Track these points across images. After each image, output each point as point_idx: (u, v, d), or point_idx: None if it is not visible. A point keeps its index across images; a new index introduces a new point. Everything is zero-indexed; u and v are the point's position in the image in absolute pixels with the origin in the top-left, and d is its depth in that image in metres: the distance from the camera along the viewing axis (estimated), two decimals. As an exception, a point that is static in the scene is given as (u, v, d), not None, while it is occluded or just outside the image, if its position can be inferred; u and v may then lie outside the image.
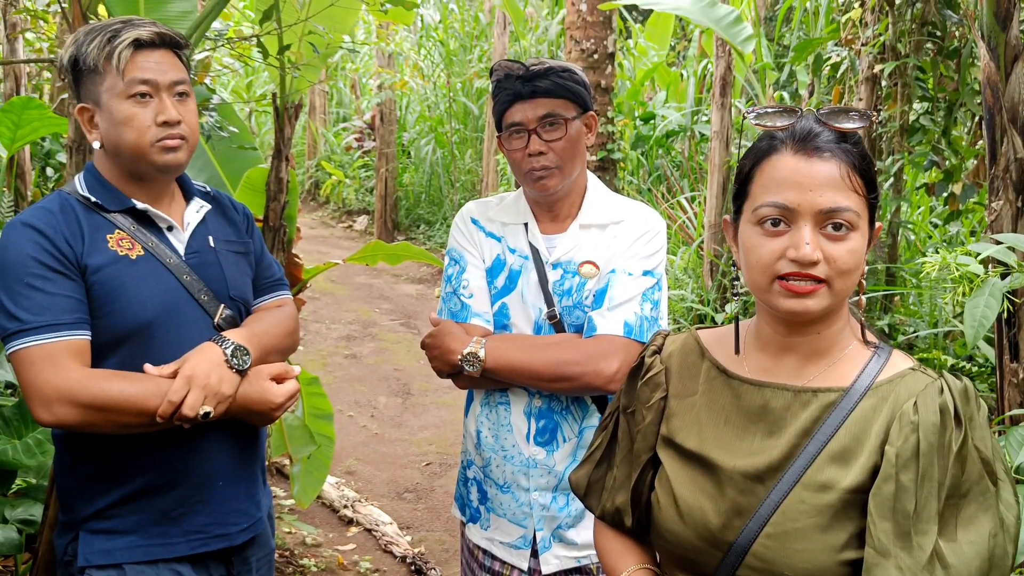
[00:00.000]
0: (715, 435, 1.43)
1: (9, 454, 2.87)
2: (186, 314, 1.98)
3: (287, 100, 3.50)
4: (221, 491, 2.02)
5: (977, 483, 1.28)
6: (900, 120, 5.52)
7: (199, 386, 1.84)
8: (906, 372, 1.36)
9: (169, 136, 1.94)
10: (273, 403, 1.98)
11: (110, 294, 1.90)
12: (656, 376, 1.53)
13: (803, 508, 1.31)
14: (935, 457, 1.26)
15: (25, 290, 1.83)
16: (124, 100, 1.91)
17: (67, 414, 1.80)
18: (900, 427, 1.29)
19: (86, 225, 1.93)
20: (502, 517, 2.24)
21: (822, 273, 1.30)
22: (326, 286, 10.08)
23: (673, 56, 13.22)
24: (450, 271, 2.27)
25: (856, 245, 1.31)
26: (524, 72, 2.14)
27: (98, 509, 1.95)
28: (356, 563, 4.31)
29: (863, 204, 1.33)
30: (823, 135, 1.34)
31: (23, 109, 3.68)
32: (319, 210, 14.70)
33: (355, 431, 6.09)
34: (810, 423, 1.35)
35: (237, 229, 2.18)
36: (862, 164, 1.33)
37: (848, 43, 5.74)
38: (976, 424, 1.30)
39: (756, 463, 1.36)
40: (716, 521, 1.37)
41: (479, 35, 12.91)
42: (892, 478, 1.26)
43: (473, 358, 2.08)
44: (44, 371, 1.80)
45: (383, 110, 12.24)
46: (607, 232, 2.19)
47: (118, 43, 1.89)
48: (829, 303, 1.33)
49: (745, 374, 1.44)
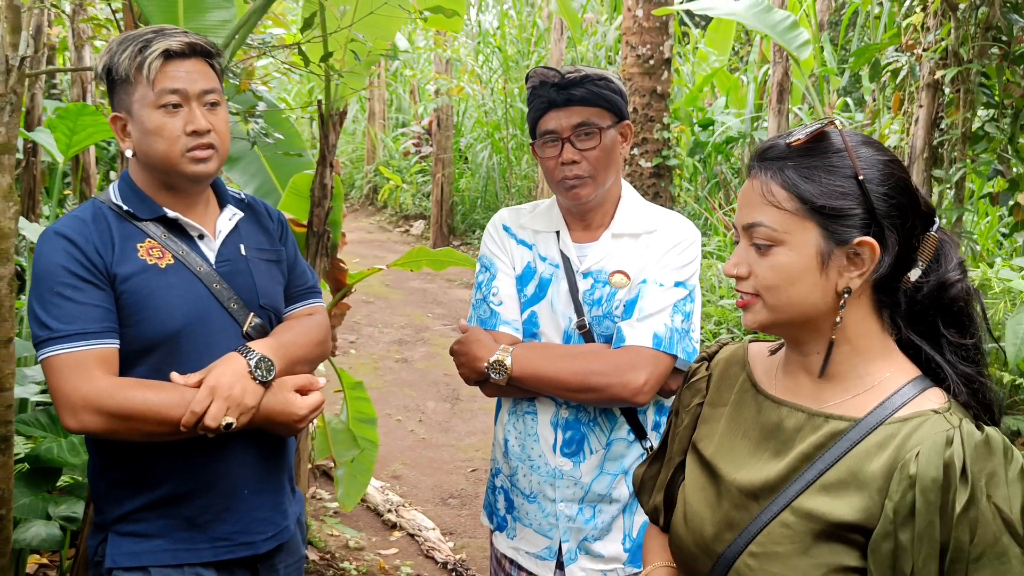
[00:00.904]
0: (729, 447, 1.43)
1: (54, 452, 2.93)
2: (215, 323, 1.99)
3: (331, 107, 3.52)
4: (246, 500, 2.03)
5: (992, 546, 1.19)
6: (963, 127, 5.37)
7: (222, 397, 1.85)
8: (928, 414, 1.26)
9: (199, 146, 1.94)
10: (296, 415, 1.98)
11: (139, 303, 1.92)
12: (698, 382, 1.55)
13: (787, 533, 1.29)
14: (934, 517, 1.19)
15: (56, 299, 1.86)
16: (154, 110, 1.92)
17: (92, 421, 1.83)
18: (899, 480, 1.22)
19: (117, 234, 1.95)
20: (528, 527, 2.22)
21: (750, 288, 1.34)
22: (380, 290, 10.16)
23: (736, 61, 13.09)
24: (481, 278, 2.26)
25: (781, 261, 1.30)
26: (559, 80, 2.11)
27: (126, 512, 1.97)
28: (397, 568, 4.32)
29: (786, 218, 1.30)
30: (771, 152, 1.34)
31: (78, 115, 3.76)
32: (377, 215, 14.82)
33: (403, 435, 6.11)
34: (813, 449, 1.31)
35: (270, 237, 2.19)
36: (793, 177, 1.29)
37: (909, 48, 5.60)
38: (998, 481, 1.20)
39: (754, 480, 1.36)
40: (710, 531, 1.38)
41: (537, 41, 12.91)
42: (891, 536, 1.22)
43: (499, 366, 2.06)
44: (72, 379, 1.83)
45: (440, 116, 12.30)
46: (640, 242, 2.16)
47: (148, 53, 1.91)
48: (769, 316, 1.34)
49: (770, 391, 1.42)
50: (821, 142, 1.31)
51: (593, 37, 11.69)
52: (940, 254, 1.33)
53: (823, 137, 1.32)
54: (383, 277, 10.49)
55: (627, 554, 2.17)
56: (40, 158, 5.62)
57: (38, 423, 3.03)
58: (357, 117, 16.85)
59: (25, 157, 5.59)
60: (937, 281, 1.31)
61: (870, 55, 5.70)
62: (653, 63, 8.38)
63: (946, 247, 1.34)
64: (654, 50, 8.36)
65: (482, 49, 14.10)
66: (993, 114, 5.45)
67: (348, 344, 8.12)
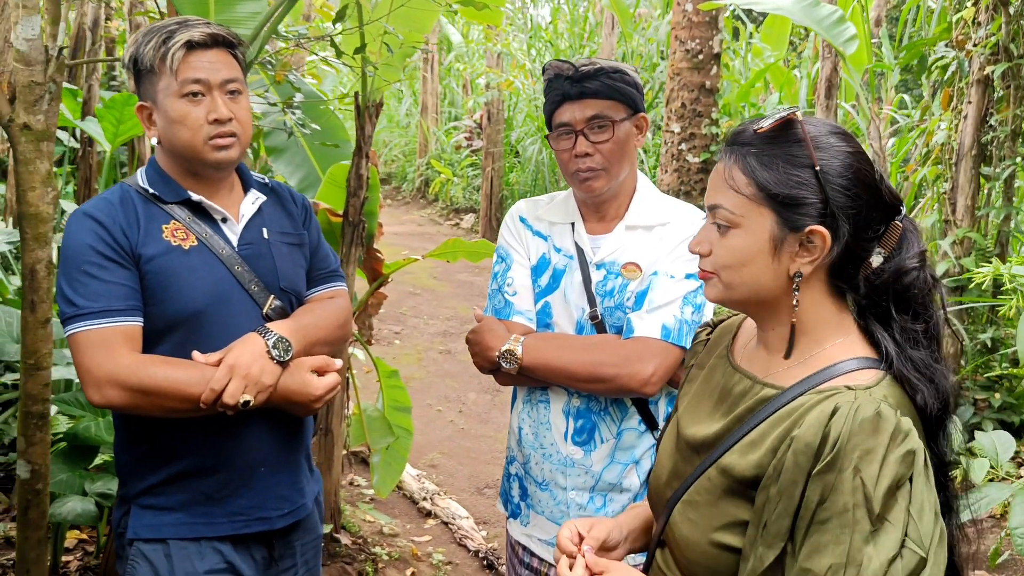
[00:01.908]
0: (695, 406, 1.52)
1: (92, 431, 3.03)
2: (236, 304, 2.05)
3: (367, 98, 3.57)
4: (263, 477, 2.09)
5: (840, 515, 1.21)
6: (1012, 125, 5.26)
7: (240, 375, 1.91)
8: (842, 389, 1.30)
9: (220, 134, 2.01)
10: (313, 395, 2.03)
11: (163, 283, 1.98)
12: (697, 345, 1.65)
13: (707, 486, 1.39)
14: (799, 477, 1.25)
15: (83, 277, 1.94)
16: (178, 99, 1.99)
17: (116, 396, 1.90)
18: (785, 441, 1.29)
19: (143, 216, 2.02)
20: (540, 514, 2.25)
21: (709, 266, 1.42)
22: (428, 282, 10.25)
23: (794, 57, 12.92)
24: (496, 268, 2.29)
25: (735, 243, 1.37)
26: (573, 72, 2.13)
27: (149, 486, 2.04)
28: (429, 554, 4.38)
29: (744, 202, 1.36)
30: (738, 138, 1.40)
31: (124, 105, 3.87)
32: (428, 208, 14.92)
33: (442, 425, 6.18)
34: (744, 412, 1.40)
35: (294, 220, 2.24)
36: (751, 162, 1.35)
37: (960, 44, 5.50)
38: (872, 458, 1.22)
39: (698, 435, 1.45)
40: (664, 479, 1.50)
41: (589, 35, 12.89)
42: (765, 488, 1.30)
43: (510, 355, 2.09)
44: (97, 355, 1.90)
45: (491, 110, 12.35)
46: (653, 234, 2.17)
47: (172, 44, 1.97)
48: (724, 293, 1.42)
49: (736, 359, 1.51)
50: (786, 131, 1.36)
51: (645, 31, 11.64)
52: (902, 243, 1.37)
53: (789, 126, 1.36)
54: (431, 269, 10.58)
55: (637, 543, 2.19)
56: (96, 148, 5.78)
57: (77, 403, 3.13)
58: (410, 111, 16.98)
59: (82, 147, 5.76)
60: (895, 268, 1.36)
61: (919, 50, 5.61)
62: (702, 58, 8.33)
63: (909, 236, 1.38)
64: (703, 45, 8.31)
65: (534, 43, 14.11)
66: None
67: (393, 335, 8.22)
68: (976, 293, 5.16)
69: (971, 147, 5.31)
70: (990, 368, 5.33)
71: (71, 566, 3.51)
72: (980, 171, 5.36)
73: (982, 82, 5.31)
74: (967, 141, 5.32)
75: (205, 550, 2.04)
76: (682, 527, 1.41)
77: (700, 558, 1.38)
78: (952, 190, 5.44)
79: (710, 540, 1.36)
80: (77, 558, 3.59)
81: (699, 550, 1.38)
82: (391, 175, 16.83)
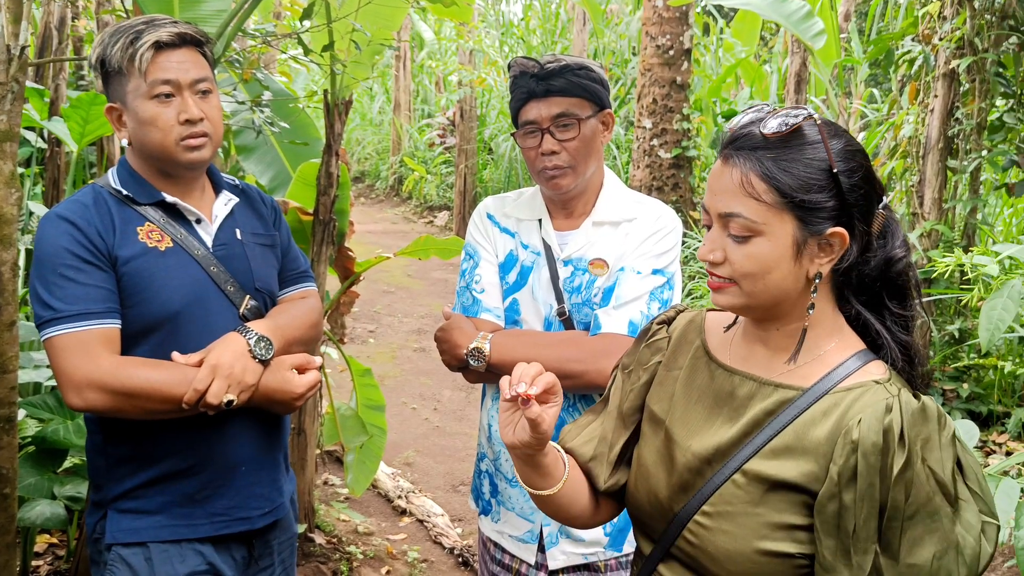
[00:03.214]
0: (683, 412, 1.48)
1: (60, 434, 3.00)
2: (213, 304, 2.05)
3: (336, 96, 3.56)
4: (244, 476, 2.09)
5: (925, 505, 1.26)
6: (978, 118, 5.32)
7: (223, 375, 1.92)
8: (869, 384, 1.34)
9: (192, 135, 2.00)
10: (294, 392, 2.04)
11: (140, 284, 1.97)
12: (659, 341, 1.59)
13: (738, 493, 1.36)
14: (875, 478, 1.26)
15: (60, 280, 1.92)
16: (147, 100, 1.98)
17: (97, 400, 1.88)
18: (843, 445, 1.29)
19: (118, 218, 2.00)
20: (511, 511, 2.25)
21: (725, 273, 1.37)
22: (403, 280, 10.23)
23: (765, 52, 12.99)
24: (464, 266, 2.30)
25: (758, 250, 1.34)
26: (539, 70, 2.13)
27: (126, 489, 2.03)
28: (405, 553, 4.38)
29: (765, 210, 1.32)
30: (747, 140, 1.35)
31: (90, 105, 3.84)
32: (402, 206, 14.88)
33: (417, 423, 6.17)
34: (763, 415, 1.38)
35: (264, 222, 2.24)
36: (771, 170, 1.32)
37: (926, 38, 5.56)
38: (932, 445, 1.28)
39: (708, 445, 1.42)
40: (665, 493, 1.45)
41: (561, 32, 12.90)
42: (836, 497, 1.29)
43: (478, 353, 2.10)
44: (76, 358, 1.89)
45: (464, 107, 12.33)
46: (619, 230, 2.18)
47: (140, 45, 1.96)
48: (744, 301, 1.38)
49: (723, 359, 1.49)
50: (796, 132, 1.34)
51: (617, 27, 11.67)
52: (887, 230, 1.39)
53: (797, 127, 1.34)
54: (405, 267, 10.56)
55: (607, 538, 2.20)
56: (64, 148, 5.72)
57: (45, 405, 3.10)
58: (383, 108, 16.92)
59: (49, 147, 5.69)
60: (884, 256, 1.38)
61: (885, 44, 5.65)
62: (673, 54, 8.36)
63: (892, 224, 1.40)
64: (674, 40, 8.35)
65: (506, 40, 14.11)
66: (1011, 104, 5.40)
67: (367, 333, 8.20)
68: (944, 285, 5.22)
69: (938, 140, 5.37)
70: (958, 359, 5.40)
71: (41, 570, 3.49)
72: (947, 164, 5.42)
73: (948, 76, 5.36)
74: (934, 134, 5.38)
75: (186, 552, 2.03)
76: (717, 539, 1.37)
77: (748, 568, 1.35)
78: (920, 183, 5.49)
79: (756, 549, 1.33)
80: (47, 562, 3.57)
81: (745, 560, 1.34)
82: (364, 173, 16.77)
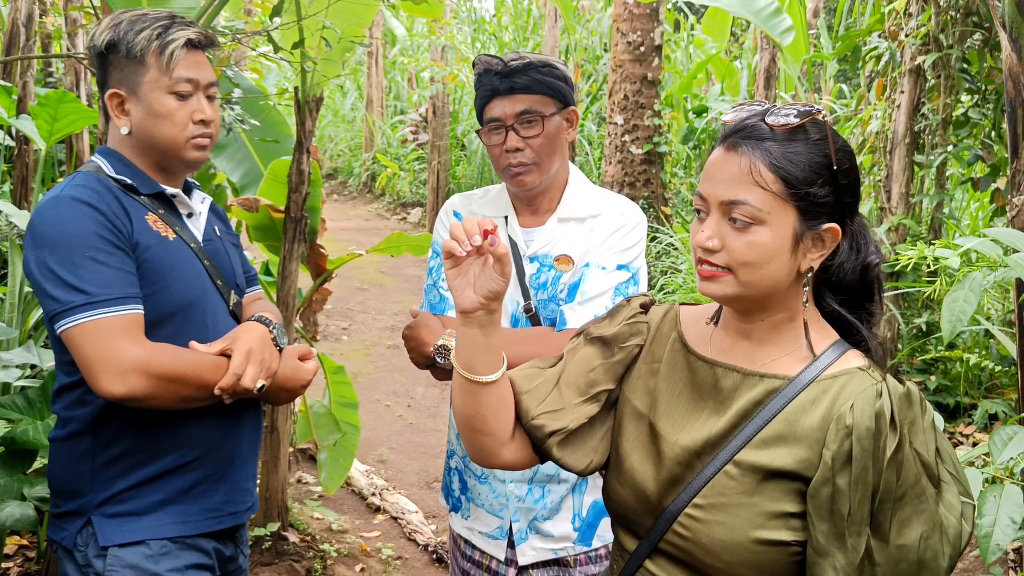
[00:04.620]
0: (667, 407, 1.49)
1: (30, 434, 2.97)
2: (211, 298, 2.07)
3: (307, 94, 3.56)
4: (237, 469, 2.10)
5: (913, 487, 1.31)
6: (943, 113, 5.39)
7: (256, 361, 1.94)
8: (853, 371, 1.38)
9: (202, 135, 2.02)
10: (305, 379, 2.09)
11: (158, 273, 1.96)
12: (639, 324, 1.58)
13: (731, 484, 1.37)
14: (868, 462, 1.30)
15: (90, 264, 1.86)
16: (166, 95, 1.97)
17: (140, 385, 1.82)
18: (836, 430, 1.32)
19: (127, 205, 1.97)
20: (480, 507, 2.27)
21: (722, 261, 1.37)
22: (376, 277, 10.21)
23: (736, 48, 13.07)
24: (431, 263, 2.31)
25: (759, 239, 1.35)
26: (502, 67, 2.15)
27: (117, 491, 1.97)
28: (379, 550, 4.38)
29: (772, 200, 1.34)
30: (754, 131, 1.37)
31: (59, 103, 3.80)
32: (375, 202, 14.85)
33: (391, 420, 6.18)
34: (751, 406, 1.40)
35: (227, 222, 2.28)
36: (780, 161, 1.34)
37: (892, 34, 5.62)
38: (917, 428, 1.33)
39: (697, 439, 1.43)
40: (653, 488, 1.46)
41: (532, 28, 12.91)
42: (829, 481, 1.31)
43: (445, 350, 2.11)
44: (117, 343, 1.83)
45: (436, 103, 12.32)
46: (584, 226, 2.20)
47: (170, 39, 1.95)
48: (738, 291, 1.38)
49: (703, 352, 1.50)
50: (802, 127, 1.37)
51: (588, 24, 11.70)
52: (862, 234, 1.45)
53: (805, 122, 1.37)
54: (378, 264, 10.54)
55: (577, 533, 2.22)
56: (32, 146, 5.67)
57: (15, 406, 3.08)
58: (355, 105, 16.87)
59: (17, 145, 5.64)
60: (862, 262, 1.43)
61: (852, 40, 5.71)
62: (644, 50, 8.40)
63: (865, 229, 1.45)
64: (645, 37, 8.38)
65: (478, 36, 14.10)
66: (976, 100, 5.47)
67: (341, 331, 8.19)
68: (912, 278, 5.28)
69: (904, 135, 5.43)
70: (926, 351, 5.47)
71: (11, 572, 3.47)
72: (913, 159, 5.48)
73: (914, 72, 5.42)
74: (900, 130, 5.44)
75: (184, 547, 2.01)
76: (712, 531, 1.37)
77: (744, 558, 1.35)
78: (887, 178, 5.56)
79: (752, 538, 1.35)
80: (17, 564, 3.55)
81: (741, 550, 1.35)
82: (337, 170, 16.72)
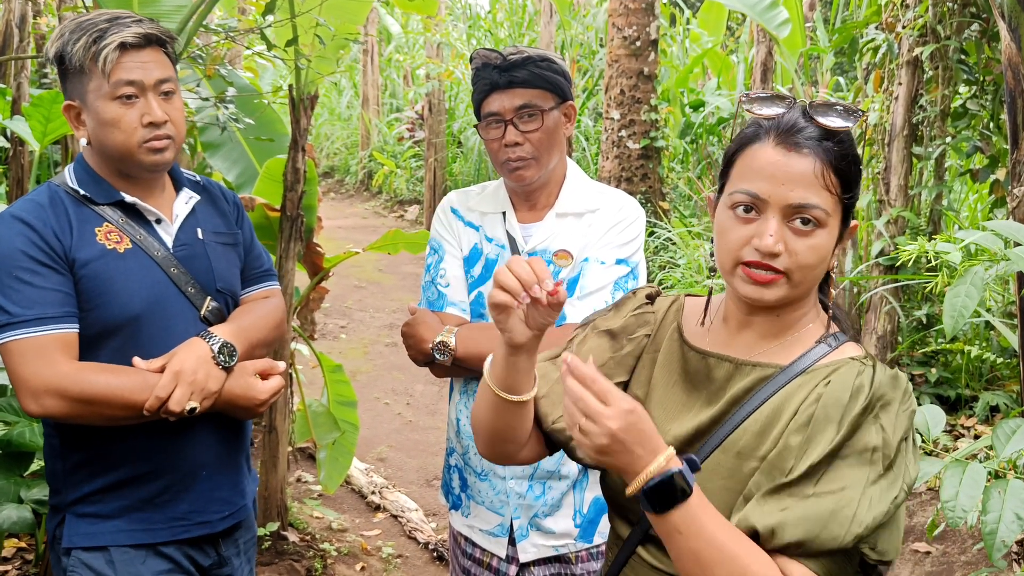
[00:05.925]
0: (661, 396, 1.49)
1: (26, 436, 2.96)
2: (173, 307, 2.01)
3: (302, 91, 3.54)
4: (204, 481, 2.07)
5: (860, 454, 1.28)
6: (941, 105, 5.37)
7: (186, 382, 1.89)
8: (845, 360, 1.37)
9: (156, 137, 1.96)
10: (257, 399, 2.02)
11: (98, 288, 1.93)
12: (646, 315, 1.57)
13: (719, 470, 1.36)
14: (826, 426, 1.29)
15: (15, 284, 1.87)
16: (110, 101, 1.93)
17: (55, 406, 1.85)
18: (808, 403, 1.32)
19: (75, 218, 1.96)
20: (481, 505, 2.25)
21: (782, 265, 1.34)
22: (374, 275, 10.18)
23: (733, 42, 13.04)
24: (429, 260, 2.29)
25: (821, 242, 1.34)
26: (501, 62, 2.13)
27: (84, 494, 2.00)
28: (379, 548, 4.37)
29: (835, 203, 1.35)
30: (807, 130, 1.35)
31: (52, 104, 3.78)
32: (372, 200, 14.81)
33: (390, 418, 6.16)
34: (742, 393, 1.40)
35: (227, 219, 2.21)
36: (840, 163, 1.34)
37: (889, 26, 5.60)
38: (892, 408, 1.31)
39: (688, 428, 1.43)
40: None
41: (528, 24, 12.88)
42: (784, 436, 1.32)
43: (444, 347, 2.09)
44: (33, 364, 1.85)
45: (432, 100, 12.29)
46: (583, 221, 2.19)
47: (104, 45, 1.90)
48: (786, 294, 1.37)
49: (699, 344, 1.49)
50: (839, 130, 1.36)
51: (584, 19, 11.67)
52: None
53: None
54: (376, 262, 10.51)
55: (578, 530, 2.21)
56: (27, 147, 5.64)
57: (11, 408, 3.06)
58: (351, 103, 16.82)
59: (12, 146, 5.61)
60: None
61: (850, 33, 5.69)
62: (639, 44, 8.37)
63: None
64: (640, 31, 8.35)
65: (474, 33, 14.07)
66: (974, 91, 5.45)
67: (339, 329, 8.16)
68: (912, 271, 5.26)
69: (902, 128, 5.41)
70: (926, 344, 5.45)
71: (9, 574, 3.45)
72: (912, 151, 5.46)
73: (911, 64, 5.40)
74: (899, 122, 5.42)
75: (148, 555, 2.01)
76: None
77: None
78: (885, 170, 5.53)
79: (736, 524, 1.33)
80: (16, 567, 3.53)
81: None
82: (333, 168, 16.67)
